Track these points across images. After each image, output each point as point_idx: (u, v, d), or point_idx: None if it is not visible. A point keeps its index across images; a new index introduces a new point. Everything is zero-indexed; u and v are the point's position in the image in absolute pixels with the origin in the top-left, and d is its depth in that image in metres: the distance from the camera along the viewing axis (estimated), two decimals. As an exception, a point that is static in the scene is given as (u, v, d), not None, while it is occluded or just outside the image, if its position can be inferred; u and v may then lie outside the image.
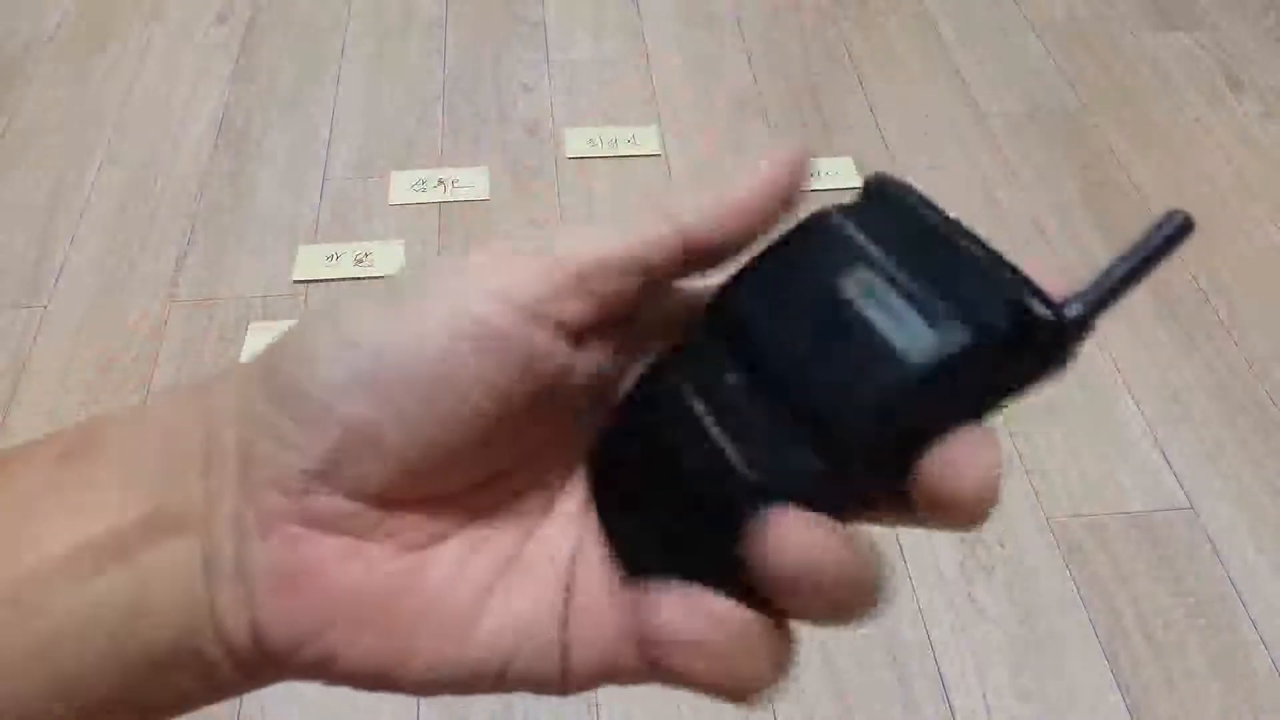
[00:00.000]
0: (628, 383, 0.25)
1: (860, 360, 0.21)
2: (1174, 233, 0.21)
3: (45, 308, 1.14)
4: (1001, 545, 0.95)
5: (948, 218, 0.22)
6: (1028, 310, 0.20)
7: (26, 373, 1.08)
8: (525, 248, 0.23)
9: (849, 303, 0.21)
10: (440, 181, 1.28)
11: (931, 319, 0.20)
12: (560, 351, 0.23)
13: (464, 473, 0.23)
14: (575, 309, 0.22)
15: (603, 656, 0.23)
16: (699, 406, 0.22)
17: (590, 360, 0.24)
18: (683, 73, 1.44)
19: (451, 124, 1.36)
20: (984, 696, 0.86)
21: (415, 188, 1.27)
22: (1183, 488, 1.00)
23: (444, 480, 0.23)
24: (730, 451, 0.22)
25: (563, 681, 0.23)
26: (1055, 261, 1.18)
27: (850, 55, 1.48)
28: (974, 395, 0.21)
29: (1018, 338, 0.20)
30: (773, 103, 1.40)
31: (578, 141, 1.33)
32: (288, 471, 0.22)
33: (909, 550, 0.94)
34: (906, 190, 0.23)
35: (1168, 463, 1.02)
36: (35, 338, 1.11)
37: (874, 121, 1.37)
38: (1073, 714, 0.85)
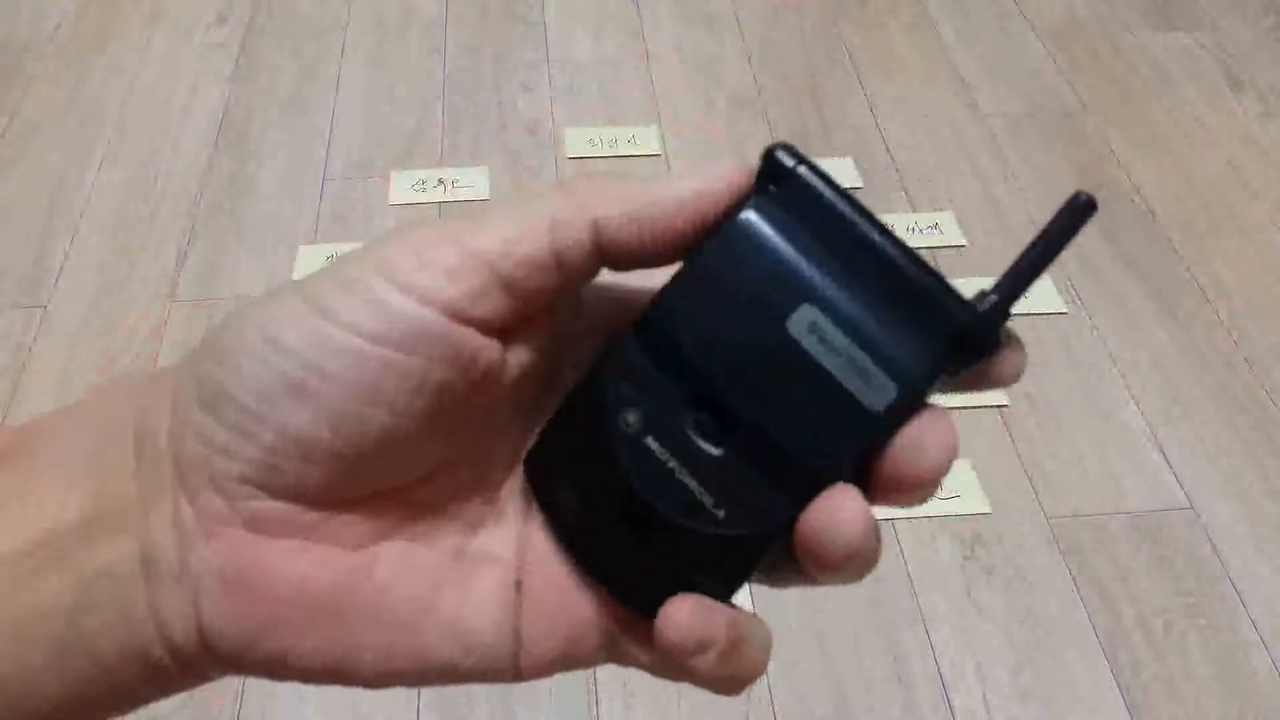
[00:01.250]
0: (569, 378, 0.25)
1: (821, 412, 0.22)
2: (1079, 214, 0.22)
3: (45, 308, 1.14)
4: (1001, 545, 0.95)
5: (858, 209, 0.23)
6: (970, 337, 0.22)
7: (26, 373, 1.08)
8: (445, 235, 0.22)
9: (795, 343, 0.22)
10: (440, 181, 1.28)
11: (883, 362, 0.22)
12: (487, 347, 0.23)
13: (402, 470, 0.23)
14: (493, 305, 0.22)
15: (561, 646, 0.24)
16: (651, 439, 0.23)
17: (521, 355, 0.24)
18: (683, 73, 1.44)
19: (451, 124, 1.36)
20: (984, 696, 0.86)
21: (415, 188, 1.27)
22: (1183, 488, 1.00)
23: (382, 478, 0.23)
24: (700, 493, 0.22)
25: (516, 672, 0.24)
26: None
27: (850, 55, 1.48)
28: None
29: (957, 356, 0.22)
30: (773, 103, 1.40)
31: (578, 141, 1.33)
32: (224, 476, 0.22)
33: (909, 550, 0.94)
34: (814, 174, 0.23)
35: (1168, 463, 1.02)
36: (35, 338, 1.11)
37: (874, 121, 1.37)
38: (1073, 714, 0.85)
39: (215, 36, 1.50)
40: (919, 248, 1.18)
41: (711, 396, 0.22)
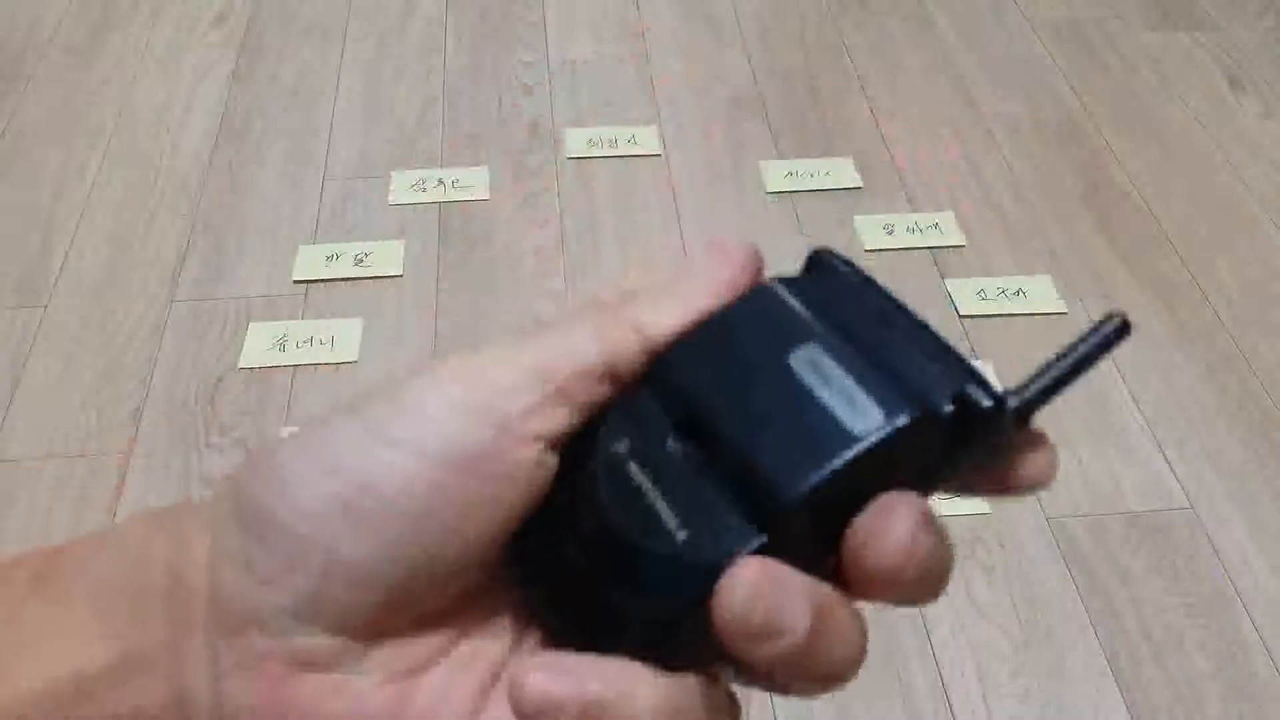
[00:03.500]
0: None
1: (802, 430, 0.21)
2: (1113, 334, 0.21)
3: (45, 308, 1.14)
4: (1001, 545, 0.95)
5: (890, 297, 0.23)
6: (969, 396, 0.21)
7: (27, 373, 1.08)
8: (497, 357, 0.22)
9: (792, 374, 0.21)
10: (440, 181, 1.28)
11: (876, 395, 0.21)
12: (545, 462, 0.22)
13: (448, 590, 0.23)
14: (558, 421, 0.22)
15: None
16: (635, 468, 0.22)
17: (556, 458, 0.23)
18: (683, 73, 1.44)
19: (451, 124, 1.36)
20: (984, 697, 0.86)
21: (415, 188, 1.27)
22: (1183, 488, 1.00)
23: (431, 602, 0.23)
24: (666, 515, 0.21)
25: None
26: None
27: (850, 55, 1.48)
28: (908, 473, 0.21)
29: (958, 422, 0.21)
30: (773, 103, 1.39)
31: (578, 141, 1.33)
32: (267, 610, 0.21)
33: (909, 550, 0.94)
34: (850, 267, 0.23)
35: (1168, 463, 1.02)
36: (35, 338, 1.11)
37: (874, 121, 1.37)
38: (1073, 714, 0.85)
39: (215, 36, 1.50)
40: (918, 247, 1.18)
41: (702, 418, 0.22)
